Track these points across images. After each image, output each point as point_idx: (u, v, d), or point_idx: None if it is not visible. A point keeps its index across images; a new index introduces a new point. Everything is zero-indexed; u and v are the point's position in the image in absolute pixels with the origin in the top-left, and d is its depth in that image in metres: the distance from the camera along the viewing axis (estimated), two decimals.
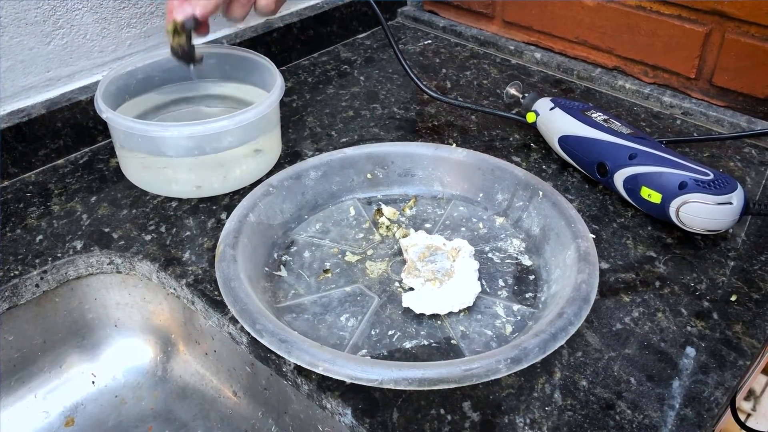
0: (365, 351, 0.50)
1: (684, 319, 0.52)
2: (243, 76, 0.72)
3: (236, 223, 0.56)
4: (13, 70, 0.66)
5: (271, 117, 0.66)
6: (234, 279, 0.50)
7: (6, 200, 0.64)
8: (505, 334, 0.51)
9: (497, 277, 0.56)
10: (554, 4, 0.86)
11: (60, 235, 0.60)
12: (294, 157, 0.70)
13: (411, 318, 0.53)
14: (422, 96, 0.81)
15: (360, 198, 0.65)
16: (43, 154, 0.68)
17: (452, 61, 0.90)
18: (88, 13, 0.69)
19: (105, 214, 0.63)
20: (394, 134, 0.74)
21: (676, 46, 0.77)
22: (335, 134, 0.74)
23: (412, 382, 0.43)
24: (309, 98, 0.81)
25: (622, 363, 0.49)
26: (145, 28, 0.74)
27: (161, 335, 0.63)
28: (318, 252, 0.59)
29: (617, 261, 0.58)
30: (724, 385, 0.47)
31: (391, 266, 0.58)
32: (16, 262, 0.58)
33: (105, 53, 0.72)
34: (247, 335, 0.51)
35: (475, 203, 0.64)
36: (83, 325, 0.62)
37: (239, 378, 0.59)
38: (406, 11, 1.00)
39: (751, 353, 0.50)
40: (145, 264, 0.58)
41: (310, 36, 0.89)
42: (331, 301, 0.54)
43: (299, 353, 0.45)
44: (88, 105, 0.69)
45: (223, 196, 0.65)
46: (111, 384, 0.63)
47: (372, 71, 0.87)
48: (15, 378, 0.59)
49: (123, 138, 0.63)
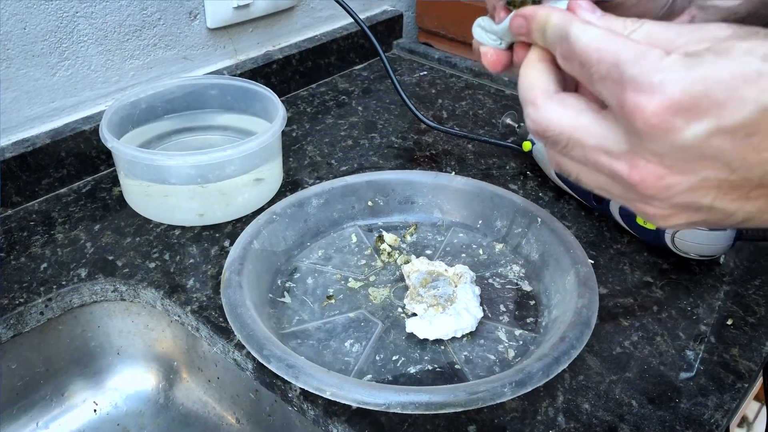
0: (370, 376, 0.51)
1: (682, 343, 0.53)
2: (245, 107, 0.73)
3: (241, 250, 0.57)
4: (18, 100, 0.66)
5: (274, 146, 0.67)
6: (240, 305, 0.51)
7: (10, 229, 0.65)
8: (507, 359, 0.52)
9: (498, 302, 0.57)
10: None
11: (64, 263, 0.61)
12: (295, 186, 0.71)
13: (415, 343, 0.53)
14: (419, 125, 0.83)
15: (361, 225, 0.66)
16: (46, 183, 0.69)
17: (448, 91, 0.92)
18: (93, 45, 0.70)
19: (109, 242, 0.63)
20: (392, 163, 0.76)
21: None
22: (335, 163, 0.75)
23: (419, 406, 0.44)
24: (308, 128, 0.82)
25: (623, 386, 0.50)
26: (148, 60, 0.75)
27: (164, 362, 0.63)
28: (321, 278, 0.60)
29: (615, 286, 0.59)
30: (723, 408, 0.48)
31: (394, 292, 0.59)
32: (21, 290, 0.58)
33: (109, 84, 0.73)
34: (252, 361, 0.51)
35: (475, 230, 0.65)
36: (86, 352, 0.62)
37: (243, 405, 0.59)
38: (401, 43, 1.03)
39: (749, 376, 0.51)
40: (150, 291, 0.59)
41: (309, 67, 0.91)
42: (335, 327, 0.55)
43: (307, 378, 0.45)
44: (91, 134, 0.70)
45: (225, 223, 0.66)
46: (113, 412, 0.63)
47: (370, 101, 0.89)
48: (17, 406, 0.59)
49: (127, 167, 0.64)
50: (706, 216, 0.28)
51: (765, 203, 0.26)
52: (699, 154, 0.26)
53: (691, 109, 0.25)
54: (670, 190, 0.27)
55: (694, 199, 0.27)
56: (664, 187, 0.27)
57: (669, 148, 0.26)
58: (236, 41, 0.84)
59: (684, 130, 0.25)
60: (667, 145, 0.26)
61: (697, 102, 0.25)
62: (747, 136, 0.25)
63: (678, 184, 0.27)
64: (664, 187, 0.27)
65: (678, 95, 0.25)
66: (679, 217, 0.28)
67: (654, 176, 0.27)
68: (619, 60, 0.27)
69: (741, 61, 0.25)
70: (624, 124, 0.27)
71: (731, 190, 0.27)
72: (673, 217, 0.28)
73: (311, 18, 0.92)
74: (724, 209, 0.27)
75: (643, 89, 0.26)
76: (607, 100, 0.28)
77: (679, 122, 0.25)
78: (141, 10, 0.72)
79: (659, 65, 0.26)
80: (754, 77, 0.24)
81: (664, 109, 0.25)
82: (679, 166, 0.26)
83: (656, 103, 0.25)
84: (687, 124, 0.25)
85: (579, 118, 0.29)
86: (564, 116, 0.30)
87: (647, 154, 0.27)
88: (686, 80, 0.25)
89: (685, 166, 0.26)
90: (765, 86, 0.24)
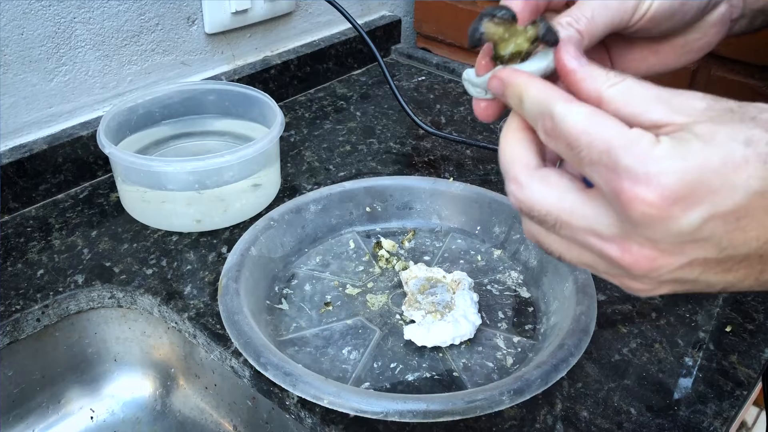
0: (368, 384, 0.50)
1: (681, 350, 0.53)
2: (243, 112, 0.73)
3: (238, 257, 0.56)
4: (16, 106, 0.66)
5: (271, 152, 0.67)
6: (237, 312, 0.51)
7: (7, 235, 0.64)
8: (506, 366, 0.52)
9: (496, 309, 0.57)
10: None
11: (61, 270, 0.61)
12: (293, 191, 0.71)
13: (413, 351, 0.53)
14: (418, 131, 0.83)
15: (359, 231, 0.65)
16: (43, 188, 0.69)
17: (446, 96, 0.92)
18: (91, 51, 0.70)
19: (106, 248, 0.63)
20: (391, 168, 0.76)
21: (665, 84, 0.79)
22: (333, 168, 0.75)
23: (417, 414, 0.43)
24: (306, 133, 0.82)
25: (621, 393, 0.50)
26: (145, 65, 0.75)
27: (161, 369, 0.63)
28: (319, 285, 0.60)
29: (614, 293, 0.59)
30: (722, 415, 0.48)
31: (392, 298, 0.58)
32: (17, 296, 0.58)
33: (106, 89, 0.73)
34: (249, 369, 0.51)
35: (473, 236, 0.65)
36: (82, 359, 0.62)
37: (240, 412, 0.59)
38: (400, 48, 1.03)
39: (748, 383, 0.51)
40: (147, 298, 0.58)
41: (307, 72, 0.91)
42: (332, 334, 0.55)
43: (304, 386, 0.45)
44: (88, 140, 0.70)
45: (223, 229, 0.65)
46: (109, 419, 0.62)
47: (368, 107, 0.89)
48: (13, 414, 0.59)
49: (124, 172, 0.64)
50: (689, 287, 0.29)
51: (745, 273, 0.28)
52: (692, 238, 0.27)
53: (687, 198, 0.26)
54: (660, 270, 0.28)
55: (681, 276, 0.28)
56: (654, 268, 0.28)
57: (664, 235, 0.27)
58: (234, 46, 0.84)
59: (681, 218, 0.26)
60: (663, 232, 0.27)
61: (693, 191, 0.26)
62: (737, 219, 0.26)
63: (668, 265, 0.28)
64: (654, 268, 0.28)
65: (675, 186, 0.26)
66: (663, 289, 0.29)
67: (647, 259, 0.28)
68: (610, 146, 0.27)
69: (727, 148, 0.26)
70: (617, 210, 0.28)
71: (716, 266, 0.28)
72: (658, 290, 0.29)
73: (309, 23, 0.92)
74: (707, 281, 0.28)
75: (639, 180, 0.26)
76: (598, 183, 0.28)
77: (677, 211, 0.26)
78: (139, 15, 0.72)
79: (653, 154, 0.26)
80: (741, 163, 0.26)
81: (663, 199, 0.26)
82: (671, 249, 0.27)
83: (655, 194, 0.26)
84: (684, 213, 0.26)
85: (565, 198, 0.30)
86: (549, 196, 0.30)
87: (640, 239, 0.28)
88: (681, 170, 0.26)
89: (677, 248, 0.27)
90: (751, 172, 0.26)
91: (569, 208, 0.29)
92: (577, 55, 0.31)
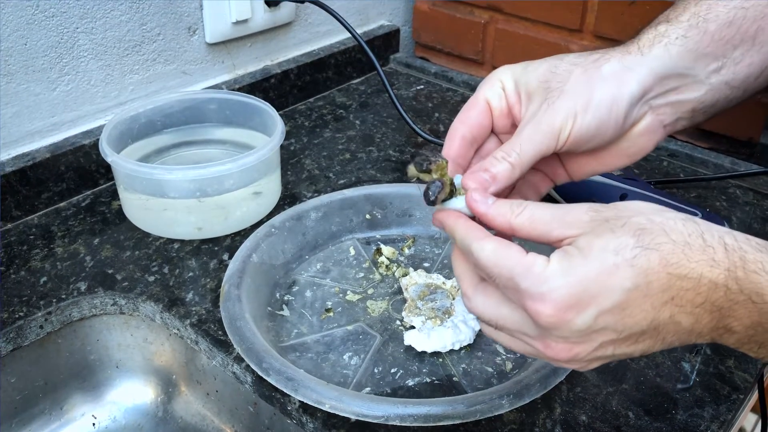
0: (369, 389, 0.51)
1: (678, 355, 0.54)
2: (243, 121, 0.74)
3: (240, 264, 0.57)
4: (19, 115, 0.67)
5: (272, 160, 0.68)
6: (239, 318, 0.51)
7: (10, 243, 0.65)
8: (505, 371, 0.52)
9: None
10: (541, 50, 0.89)
11: (64, 277, 0.61)
12: (293, 199, 0.72)
13: (413, 356, 0.54)
14: (416, 139, 0.84)
15: (359, 238, 0.66)
16: (46, 197, 0.69)
17: (444, 105, 0.93)
18: (93, 60, 0.71)
19: (108, 255, 0.64)
20: (390, 176, 0.76)
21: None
22: (333, 176, 0.76)
23: (418, 418, 0.44)
24: (306, 141, 0.83)
25: (620, 398, 0.50)
26: (147, 74, 0.76)
27: (163, 376, 0.64)
28: (319, 291, 0.60)
29: None
30: (719, 419, 0.49)
31: (392, 305, 0.59)
32: (20, 303, 0.58)
33: (108, 98, 0.74)
34: (251, 374, 0.52)
35: None
36: (85, 366, 0.63)
37: (241, 418, 0.59)
38: (398, 57, 1.04)
39: (745, 387, 0.51)
40: (149, 305, 0.59)
41: (307, 81, 0.92)
42: (333, 339, 0.55)
43: (306, 391, 0.45)
44: (91, 149, 0.71)
45: (224, 237, 0.66)
46: (111, 426, 0.63)
47: (367, 115, 0.89)
48: (16, 420, 0.59)
49: (126, 181, 0.65)
50: (613, 359, 0.36)
51: (650, 343, 0.34)
52: (592, 330, 0.34)
53: (576, 305, 0.33)
54: (579, 355, 0.35)
55: (599, 355, 0.35)
56: (574, 356, 0.35)
57: (569, 333, 0.34)
58: (235, 56, 0.85)
59: (576, 319, 0.33)
60: (567, 331, 0.34)
61: (579, 299, 0.33)
62: (622, 309, 0.33)
63: (584, 351, 0.35)
64: (574, 356, 0.35)
65: (564, 298, 0.33)
66: (593, 365, 0.36)
67: (564, 351, 0.35)
68: (513, 274, 0.34)
69: (601, 258, 0.33)
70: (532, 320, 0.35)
71: (622, 343, 0.35)
72: (589, 366, 0.37)
73: (309, 33, 0.93)
74: (623, 352, 0.35)
75: (536, 298, 0.34)
76: (513, 301, 0.36)
77: (571, 315, 0.33)
78: (140, 25, 0.73)
79: (543, 275, 0.33)
80: (613, 270, 0.32)
81: (556, 310, 0.33)
82: (580, 340, 0.35)
83: (549, 307, 0.33)
84: (577, 315, 0.33)
85: (500, 308, 0.37)
86: (489, 306, 0.38)
87: (554, 338, 0.35)
88: (567, 285, 0.33)
89: (584, 339, 0.34)
90: (622, 274, 0.32)
91: (504, 316, 0.37)
92: (483, 199, 0.38)
